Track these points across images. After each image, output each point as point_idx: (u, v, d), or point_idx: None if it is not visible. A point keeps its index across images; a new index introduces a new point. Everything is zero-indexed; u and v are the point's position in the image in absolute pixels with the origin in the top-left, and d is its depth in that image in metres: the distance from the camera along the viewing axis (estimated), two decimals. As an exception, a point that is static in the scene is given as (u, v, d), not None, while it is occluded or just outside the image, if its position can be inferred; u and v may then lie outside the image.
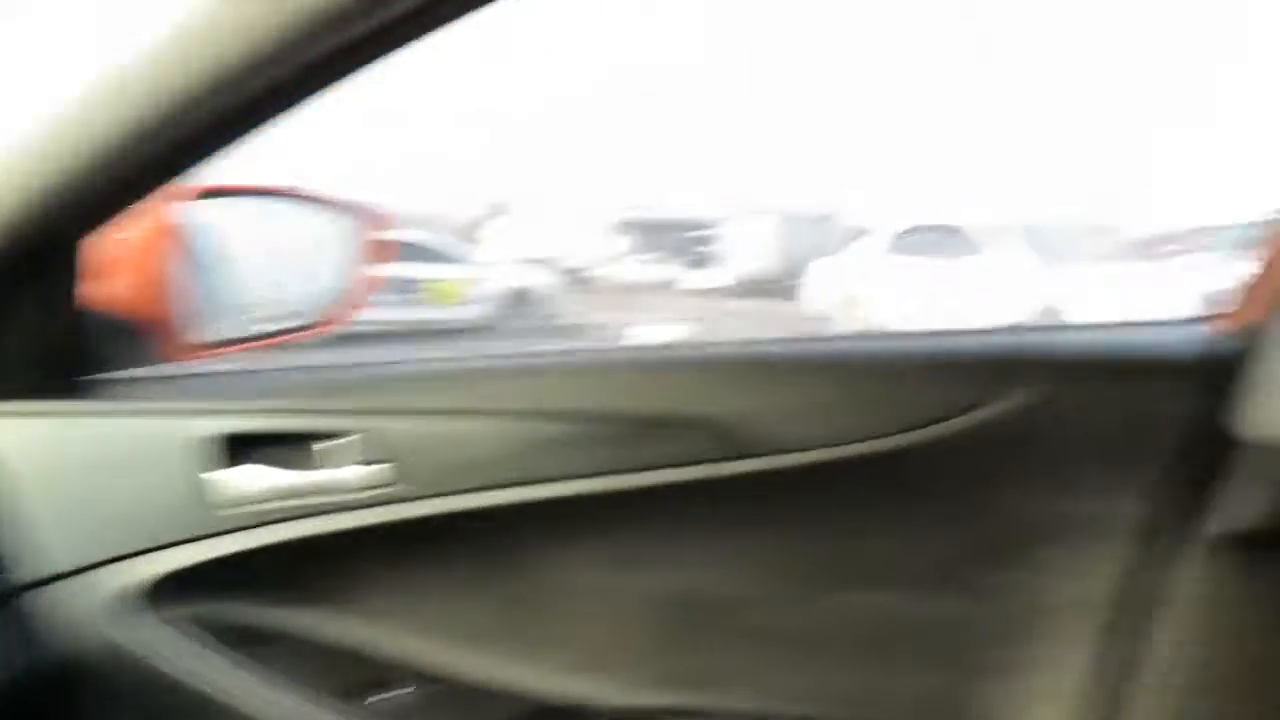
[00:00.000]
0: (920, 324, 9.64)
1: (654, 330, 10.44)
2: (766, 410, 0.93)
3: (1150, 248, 13.68)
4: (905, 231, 10.80)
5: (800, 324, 12.27)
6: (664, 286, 21.22)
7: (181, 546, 0.90)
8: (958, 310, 9.41)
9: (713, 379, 0.96)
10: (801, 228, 19.01)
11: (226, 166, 0.82)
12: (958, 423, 0.91)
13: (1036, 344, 1.00)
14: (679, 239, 24.00)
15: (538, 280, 13.92)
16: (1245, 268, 0.93)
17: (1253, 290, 0.92)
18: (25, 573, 0.88)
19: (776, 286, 18.26)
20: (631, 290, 19.43)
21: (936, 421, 0.91)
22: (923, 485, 0.95)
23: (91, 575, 0.89)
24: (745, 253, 18.89)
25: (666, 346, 1.06)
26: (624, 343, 1.18)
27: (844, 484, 0.94)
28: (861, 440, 0.91)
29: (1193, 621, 0.92)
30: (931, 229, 10.51)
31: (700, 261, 20.90)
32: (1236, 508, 0.88)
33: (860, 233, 13.28)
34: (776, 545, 0.98)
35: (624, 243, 24.37)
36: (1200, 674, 0.93)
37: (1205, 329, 0.95)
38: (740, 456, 0.92)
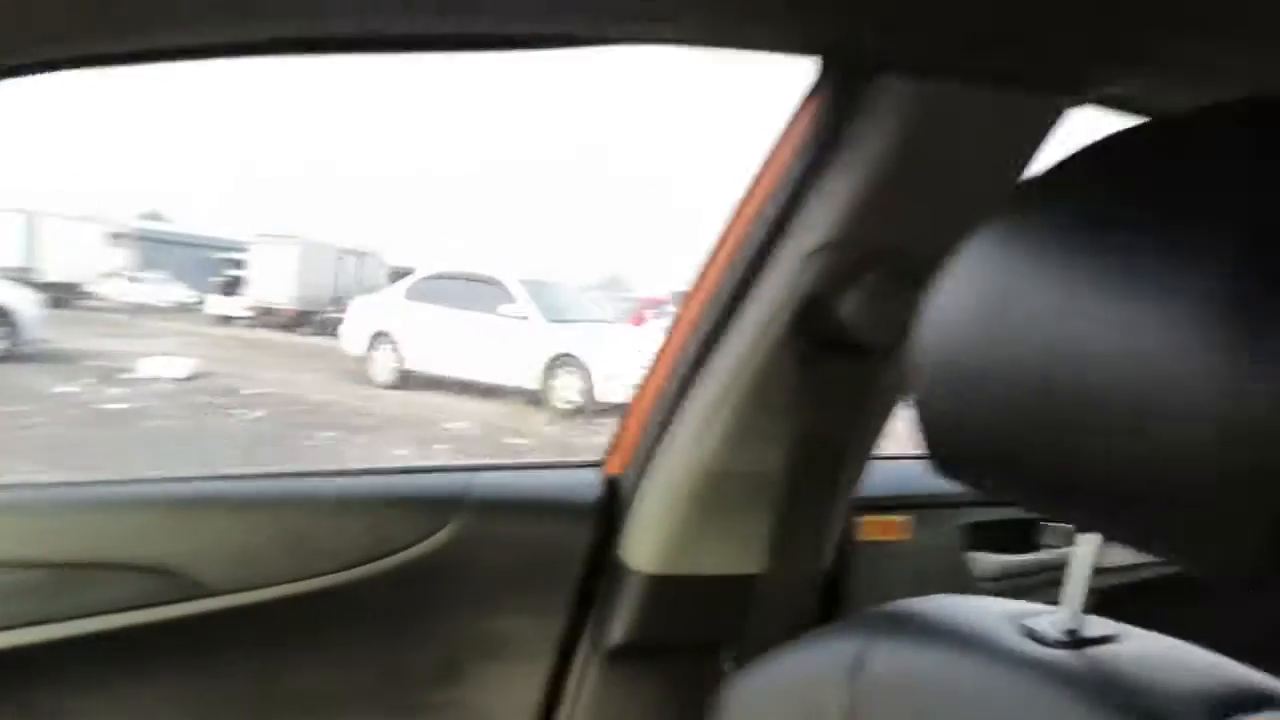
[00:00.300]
0: (439, 371, 10.16)
1: (160, 362, 9.66)
2: (201, 553, 0.93)
3: (643, 308, 15.84)
4: (428, 277, 11.21)
5: (320, 358, 12.11)
6: (176, 311, 19.37)
7: None
8: (470, 358, 10.01)
9: (144, 520, 0.93)
10: (330, 260, 18.59)
11: None
12: (391, 559, 0.99)
13: (458, 484, 1.06)
14: (195, 259, 22.05)
15: (12, 297, 11.91)
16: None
17: (619, 440, 1.13)
18: None
19: (303, 318, 17.68)
20: (137, 313, 17.48)
21: (370, 559, 0.99)
22: (359, 617, 1.01)
23: None
24: (270, 280, 17.95)
25: (88, 485, 0.97)
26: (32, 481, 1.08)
27: (278, 623, 0.97)
28: (298, 579, 0.96)
29: (594, 718, 1.07)
30: (454, 277, 11.05)
31: (220, 286, 19.41)
32: (617, 626, 1.05)
33: (402, 273, 13.48)
34: (212, 689, 0.97)
35: (125, 257, 21.73)
36: None
37: (597, 472, 1.13)
38: (171, 601, 0.91)
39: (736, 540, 1.03)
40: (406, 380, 10.41)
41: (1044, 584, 1.26)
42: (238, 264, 19.18)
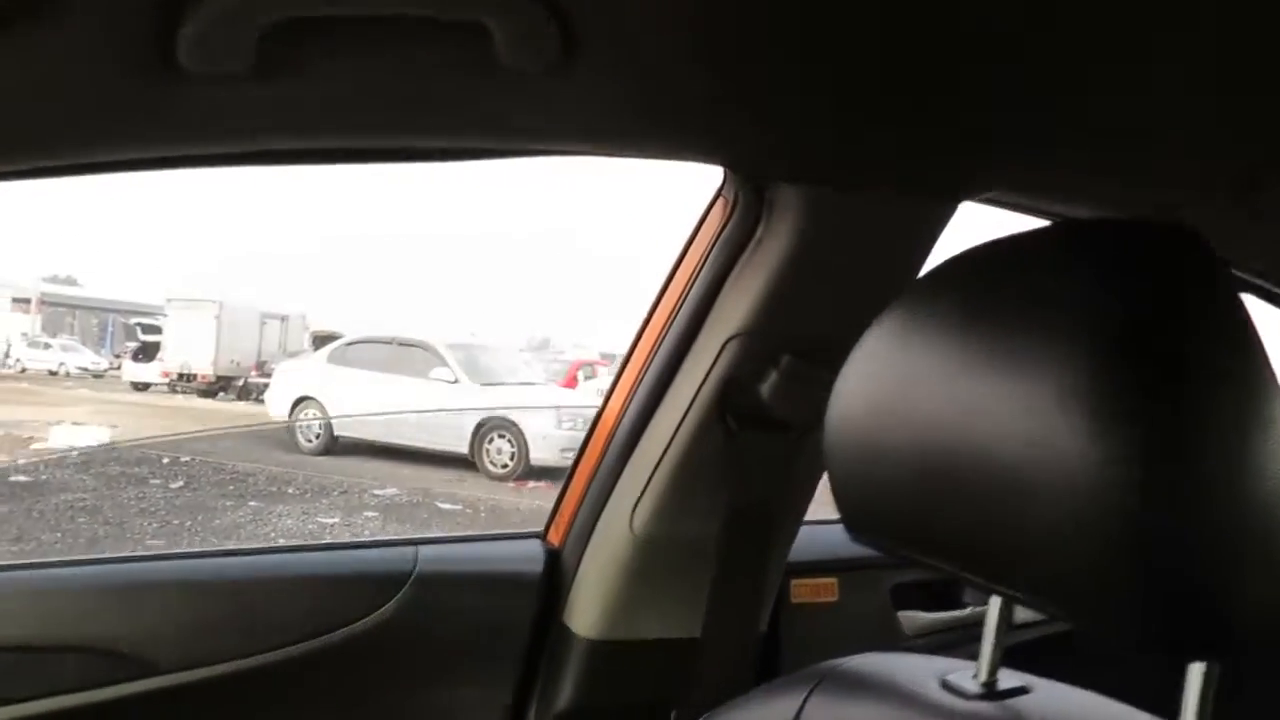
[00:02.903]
0: (368, 436, 10.00)
1: (72, 431, 9.32)
2: (151, 632, 0.95)
3: (574, 370, 15.86)
4: (355, 341, 11.10)
5: (239, 421, 11.82)
6: (88, 378, 18.70)
7: None
8: (399, 424, 9.88)
9: (93, 601, 0.94)
10: (252, 324, 18.24)
11: None
12: (340, 633, 1.01)
13: (404, 558, 1.08)
14: (106, 324, 21.40)
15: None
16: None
17: (559, 511, 1.17)
18: None
19: (224, 384, 17.23)
20: (45, 381, 16.83)
21: (319, 633, 1.01)
22: (309, 692, 1.03)
23: None
24: (188, 345, 17.50)
25: (36, 568, 0.99)
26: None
27: (228, 699, 0.99)
28: (249, 655, 0.98)
29: None
30: (381, 341, 10.96)
31: (134, 351, 18.83)
32: (564, 692, 1.09)
33: (325, 338, 13.29)
34: None
35: (31, 323, 20.98)
36: None
37: (539, 543, 1.18)
38: (122, 681, 0.92)
39: (676, 605, 1.09)
40: (333, 445, 10.21)
41: (969, 639, 1.32)
42: (153, 329, 18.67)
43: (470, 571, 1.14)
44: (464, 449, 9.55)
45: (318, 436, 10.29)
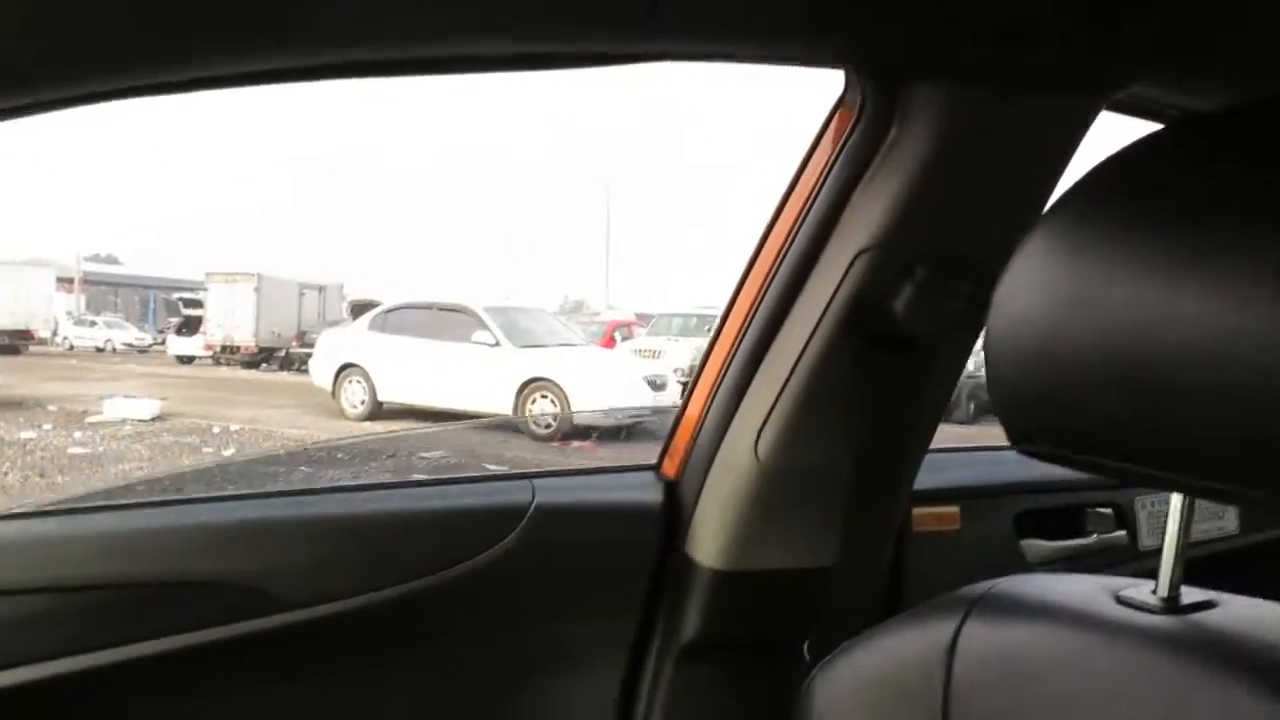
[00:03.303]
0: (412, 400, 10.09)
1: (124, 404, 9.49)
2: (274, 568, 0.94)
3: (612, 330, 15.88)
4: (395, 308, 11.15)
5: (287, 394, 11.99)
6: (133, 353, 19.06)
7: None
8: (442, 387, 9.95)
9: (217, 537, 0.94)
10: (291, 295, 18.42)
11: None
12: (460, 568, 1.00)
13: (521, 492, 1.06)
14: (149, 300, 21.73)
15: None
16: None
17: (672, 443, 1.14)
18: None
19: (266, 355, 17.48)
20: (92, 357, 17.17)
21: (439, 569, 0.99)
22: (434, 627, 1.02)
23: None
24: (230, 318, 17.73)
25: (161, 505, 0.98)
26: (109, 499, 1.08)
27: (351, 636, 0.98)
28: (372, 590, 0.97)
29: (671, 717, 1.09)
30: (420, 307, 11.00)
31: (177, 326, 19.12)
32: (688, 624, 1.07)
33: (362, 306, 13.40)
34: (286, 703, 0.97)
35: (76, 301, 21.35)
36: None
37: (653, 475, 1.15)
38: (246, 617, 0.92)
39: (803, 534, 1.05)
40: (378, 411, 10.33)
41: (1096, 568, 1.29)
42: (194, 303, 18.95)
43: (588, 503, 1.11)
44: (507, 409, 9.62)
45: (363, 402, 10.42)
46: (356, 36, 0.63)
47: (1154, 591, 0.62)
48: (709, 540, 1.06)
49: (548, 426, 9.54)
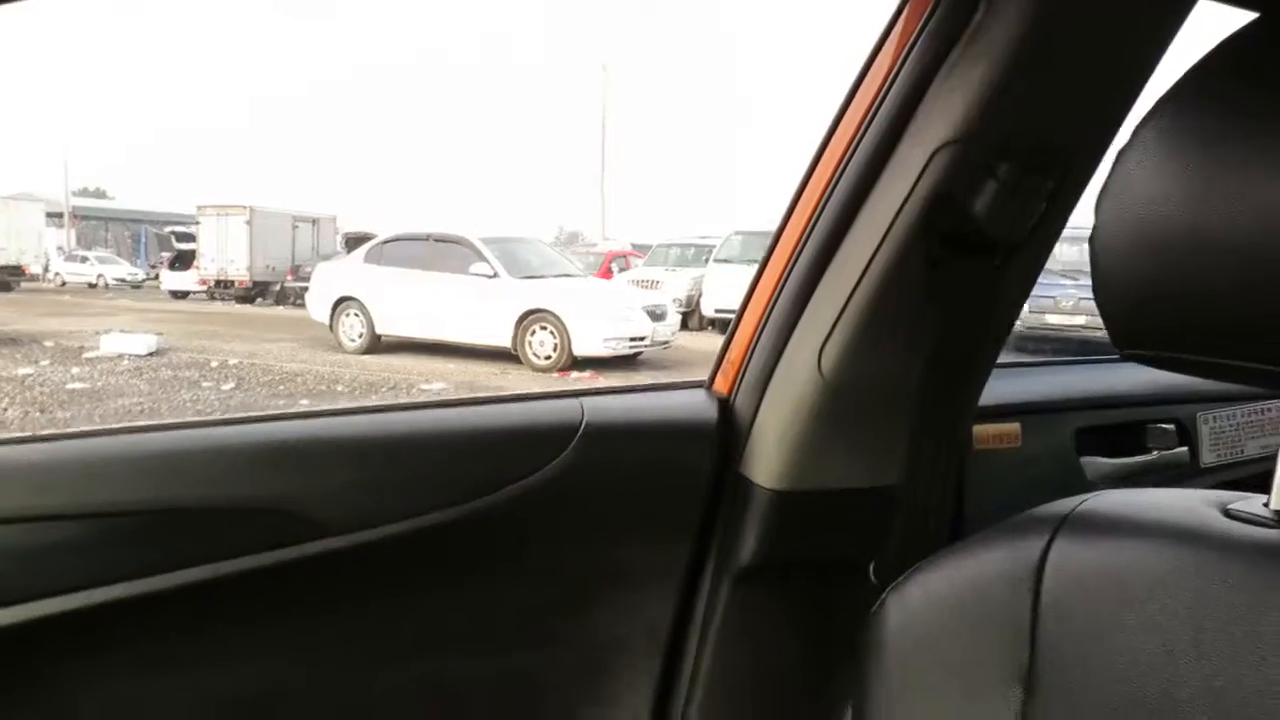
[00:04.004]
0: (410, 334, 10.03)
1: (121, 339, 9.42)
2: (315, 492, 0.90)
3: (609, 261, 15.76)
4: (390, 239, 11.02)
5: (283, 328, 11.91)
6: (127, 288, 18.90)
7: None
8: (440, 319, 9.89)
9: (253, 460, 0.89)
10: (284, 228, 18.21)
11: None
12: (510, 489, 0.95)
13: (570, 410, 1.01)
14: (141, 234, 21.48)
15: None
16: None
17: (725, 359, 1.09)
18: None
19: (261, 289, 17.34)
20: (85, 293, 17.02)
21: (489, 490, 0.95)
22: (483, 551, 0.98)
23: None
24: (223, 252, 17.55)
25: (192, 427, 0.92)
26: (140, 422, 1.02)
27: (399, 561, 0.94)
28: (418, 515, 0.92)
29: (726, 640, 1.05)
30: (416, 238, 10.87)
31: (171, 260, 18.92)
32: (746, 546, 1.03)
33: (357, 238, 13.26)
34: (333, 631, 0.94)
35: (67, 236, 21.09)
36: (734, 681, 1.06)
37: (706, 392, 1.10)
38: (287, 544, 0.88)
39: (868, 452, 1.00)
40: (376, 344, 10.27)
41: (1156, 484, 1.26)
42: (187, 237, 18.73)
43: (640, 422, 1.04)
44: (506, 342, 9.57)
45: (361, 335, 10.35)
46: None
47: (1266, 504, 0.57)
48: (767, 459, 1.01)
49: (547, 357, 9.54)
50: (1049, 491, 0.67)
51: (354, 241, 13.32)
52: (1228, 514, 0.58)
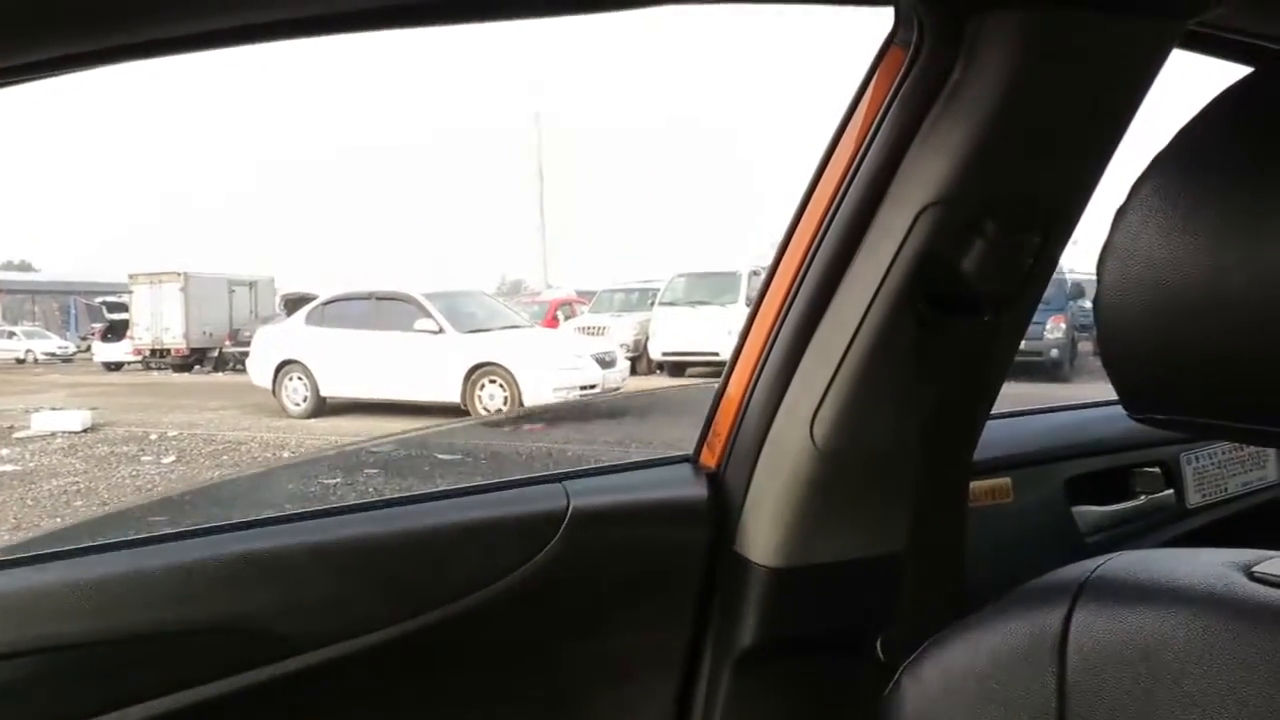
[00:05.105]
0: (356, 394, 9.84)
1: (53, 416, 9.09)
2: (285, 605, 0.84)
3: (554, 310, 15.74)
4: (332, 300, 10.87)
5: (223, 395, 11.63)
6: (58, 362, 18.34)
7: None
8: (385, 378, 9.74)
9: (216, 576, 0.82)
10: (221, 293, 17.87)
11: None
12: (496, 586, 0.90)
13: (554, 495, 0.97)
14: (69, 305, 20.90)
15: None
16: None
17: (711, 430, 1.06)
18: None
19: (198, 356, 16.94)
20: (13, 369, 16.45)
21: (474, 589, 0.90)
22: (471, 655, 0.93)
23: None
24: (158, 320, 17.14)
25: (145, 543, 0.84)
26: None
27: (380, 672, 0.88)
28: (399, 621, 0.87)
29: None
30: (358, 297, 10.73)
31: (103, 331, 18.41)
32: (746, 627, 0.98)
33: (295, 300, 13.07)
34: None
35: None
36: None
37: (692, 466, 1.06)
38: (257, 665, 0.82)
39: (868, 521, 0.97)
40: (322, 407, 10.06)
41: (1148, 529, 1.25)
42: (119, 306, 18.28)
43: (627, 503, 1.01)
44: (455, 398, 9.44)
45: (305, 399, 10.13)
46: None
47: None
48: (762, 535, 0.97)
49: (498, 411, 9.41)
50: (1046, 546, 0.65)
51: (293, 303, 13.13)
52: (1252, 577, 0.55)
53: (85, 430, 8.81)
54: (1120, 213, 0.52)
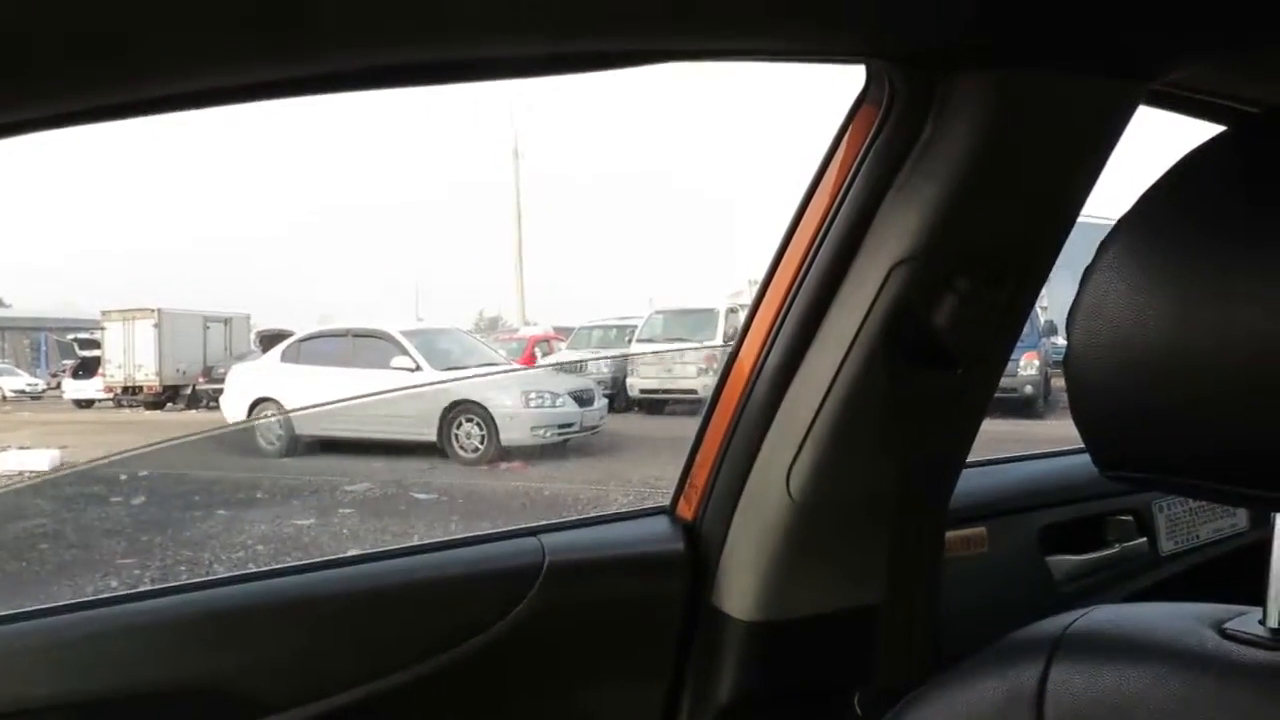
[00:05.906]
0: (332, 433, 9.76)
1: (19, 456, 8.93)
2: (254, 666, 0.81)
3: (532, 346, 15.72)
4: (307, 337, 10.82)
5: (193, 430, 11.49)
6: (26, 400, 18.05)
7: None
8: (362, 417, 9.66)
9: (182, 637, 0.80)
10: (195, 330, 17.73)
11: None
12: (471, 643, 0.89)
13: (529, 550, 0.96)
14: (40, 342, 20.66)
15: None
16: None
17: (687, 483, 1.05)
18: None
19: (172, 393, 16.75)
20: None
21: (448, 646, 0.88)
22: (446, 712, 0.91)
23: None
24: (130, 357, 16.96)
25: (108, 604, 0.81)
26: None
27: None
28: (372, 680, 0.85)
29: None
30: (334, 335, 10.70)
31: (74, 369, 18.19)
32: (724, 682, 0.98)
33: (271, 336, 12.99)
34: None
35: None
36: None
37: (668, 519, 1.05)
38: None
39: (845, 574, 0.97)
40: (296, 446, 9.94)
41: (1121, 577, 1.26)
42: (90, 343, 18.06)
43: (603, 556, 1.01)
44: (431, 436, 9.37)
45: (280, 438, 10.02)
46: (378, 39, 0.53)
47: (1262, 622, 0.56)
48: (739, 589, 0.97)
49: (475, 450, 9.35)
50: (1021, 596, 0.65)
51: (269, 339, 13.02)
52: (1224, 634, 0.56)
53: (53, 470, 8.65)
54: (1088, 272, 0.52)
